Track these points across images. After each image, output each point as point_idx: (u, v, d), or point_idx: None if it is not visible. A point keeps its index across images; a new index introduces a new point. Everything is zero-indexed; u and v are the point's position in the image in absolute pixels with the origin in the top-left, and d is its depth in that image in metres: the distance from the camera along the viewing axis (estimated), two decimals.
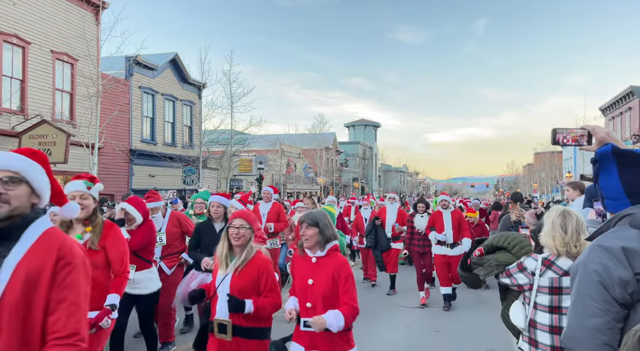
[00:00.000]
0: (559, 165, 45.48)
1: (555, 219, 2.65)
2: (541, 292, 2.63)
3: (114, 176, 17.81)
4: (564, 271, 2.60)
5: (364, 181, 56.93)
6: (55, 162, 13.09)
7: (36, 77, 14.22)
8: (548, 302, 2.61)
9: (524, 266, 2.72)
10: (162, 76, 21.32)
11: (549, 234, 2.65)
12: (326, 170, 40.78)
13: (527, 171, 63.53)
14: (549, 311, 2.60)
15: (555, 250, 2.63)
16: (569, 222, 2.62)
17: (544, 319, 2.61)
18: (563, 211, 2.69)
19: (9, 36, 13.29)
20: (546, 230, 2.68)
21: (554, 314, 2.59)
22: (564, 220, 2.63)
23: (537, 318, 2.64)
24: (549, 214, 2.72)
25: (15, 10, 13.54)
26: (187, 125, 23.23)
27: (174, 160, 20.34)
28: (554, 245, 2.62)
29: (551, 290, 2.61)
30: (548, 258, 2.67)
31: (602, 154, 1.46)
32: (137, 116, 19.57)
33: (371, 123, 70.05)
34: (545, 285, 2.61)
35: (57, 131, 13.09)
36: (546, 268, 2.64)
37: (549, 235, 2.65)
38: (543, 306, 2.63)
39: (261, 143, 29.80)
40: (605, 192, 1.49)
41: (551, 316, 2.59)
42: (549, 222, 2.68)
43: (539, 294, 2.64)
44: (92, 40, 15.31)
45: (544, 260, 2.67)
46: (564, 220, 2.63)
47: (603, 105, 34.46)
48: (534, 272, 2.65)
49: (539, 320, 2.63)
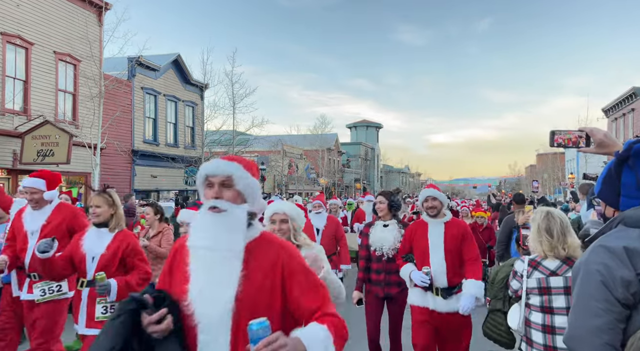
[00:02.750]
0: (561, 167, 45.41)
1: (540, 223, 2.68)
2: (532, 293, 2.67)
3: (116, 176, 17.84)
4: (551, 271, 2.64)
5: (365, 182, 56.91)
6: (57, 163, 13.13)
7: (39, 77, 14.27)
8: (539, 303, 2.65)
9: (515, 270, 2.78)
10: (165, 77, 21.37)
11: (536, 239, 2.69)
12: (328, 170, 40.79)
13: (530, 172, 63.44)
14: (541, 311, 2.65)
15: (543, 253, 2.67)
16: (554, 226, 2.64)
17: (537, 319, 2.66)
18: (547, 214, 2.70)
19: (12, 37, 13.34)
20: (533, 235, 2.71)
21: (545, 314, 2.63)
22: (548, 223, 2.66)
23: (532, 317, 2.69)
24: (534, 218, 2.75)
25: (19, 12, 13.60)
26: (190, 126, 23.27)
27: (176, 161, 20.37)
28: (542, 249, 2.66)
29: (540, 290, 2.65)
30: (534, 260, 2.71)
31: (638, 151, 1.43)
32: (139, 117, 19.61)
33: (373, 124, 70.04)
34: (534, 285, 2.66)
35: (59, 132, 13.13)
36: (533, 269, 2.68)
37: (536, 240, 2.69)
38: (535, 306, 2.68)
39: (263, 144, 29.82)
40: (625, 188, 1.47)
41: (543, 316, 2.64)
42: (534, 226, 2.71)
43: (531, 295, 2.68)
44: (95, 41, 15.35)
45: (530, 262, 2.71)
46: (549, 224, 2.66)
47: (606, 107, 34.36)
48: (522, 274, 2.69)
49: (533, 320, 2.68)
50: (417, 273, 3.81)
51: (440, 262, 3.81)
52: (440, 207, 3.96)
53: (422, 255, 3.89)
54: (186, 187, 20.99)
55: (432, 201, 3.93)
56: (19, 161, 13.24)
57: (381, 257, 4.27)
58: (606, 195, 1.52)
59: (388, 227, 4.32)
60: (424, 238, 3.92)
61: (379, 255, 4.27)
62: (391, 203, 4.38)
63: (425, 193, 4.01)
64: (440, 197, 3.97)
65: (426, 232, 3.93)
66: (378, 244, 4.27)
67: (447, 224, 3.93)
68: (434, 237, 3.88)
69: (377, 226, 4.39)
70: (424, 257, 3.87)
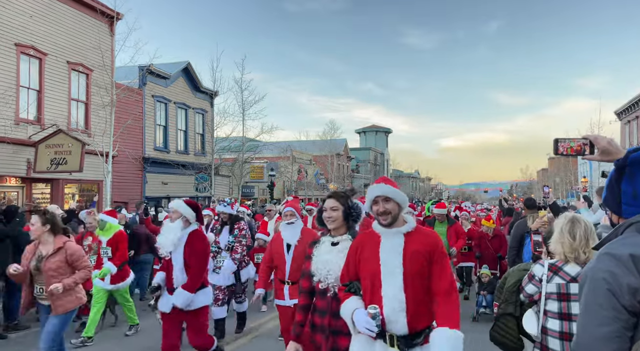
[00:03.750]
0: (574, 170, 44.86)
1: (564, 226, 2.70)
2: (550, 299, 2.65)
3: (127, 184, 18.05)
4: (572, 277, 2.62)
5: None
6: (70, 171, 13.33)
7: (52, 87, 14.53)
8: (557, 309, 2.63)
9: (532, 274, 2.76)
10: (175, 85, 21.62)
11: (558, 240, 2.69)
12: (337, 176, 40.81)
13: (542, 176, 62.78)
14: (558, 318, 2.62)
15: (563, 256, 2.67)
16: (577, 229, 2.65)
17: (555, 326, 2.63)
18: (572, 218, 2.73)
19: (26, 48, 13.61)
20: (555, 237, 2.71)
21: (563, 321, 2.61)
22: (572, 226, 2.67)
23: (548, 324, 2.67)
24: (558, 221, 2.76)
25: (32, 23, 13.88)
26: (200, 133, 23.47)
27: (186, 168, 20.55)
28: (562, 251, 2.66)
29: (559, 296, 2.62)
30: (555, 264, 2.70)
31: (635, 160, 1.45)
32: (150, 124, 19.85)
33: (382, 129, 69.99)
34: (553, 291, 2.64)
35: (72, 140, 13.33)
36: (553, 274, 2.67)
37: (558, 241, 2.69)
38: (553, 313, 2.65)
39: (272, 150, 29.99)
40: (625, 196, 1.48)
41: (561, 322, 2.61)
42: (557, 228, 2.73)
43: (549, 301, 2.65)
44: (107, 50, 15.60)
45: (550, 266, 2.70)
46: (572, 227, 2.67)
47: (618, 109, 33.96)
48: (542, 278, 2.68)
49: (549, 327, 2.66)
50: (361, 313, 2.47)
51: (396, 295, 2.46)
52: (397, 210, 2.57)
53: (370, 284, 2.54)
54: (197, 194, 21.14)
55: (384, 203, 2.55)
56: (32, 170, 13.46)
57: (326, 291, 2.97)
58: (610, 202, 1.52)
59: (337, 246, 2.99)
60: (373, 259, 2.55)
61: (323, 288, 2.97)
62: (348, 211, 3.05)
63: (374, 191, 2.59)
64: (395, 195, 2.56)
65: (377, 248, 2.56)
66: (322, 272, 2.95)
67: (409, 236, 2.55)
68: (388, 256, 2.51)
69: (322, 244, 3.05)
70: (373, 287, 2.52)
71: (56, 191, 14.57)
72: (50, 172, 13.38)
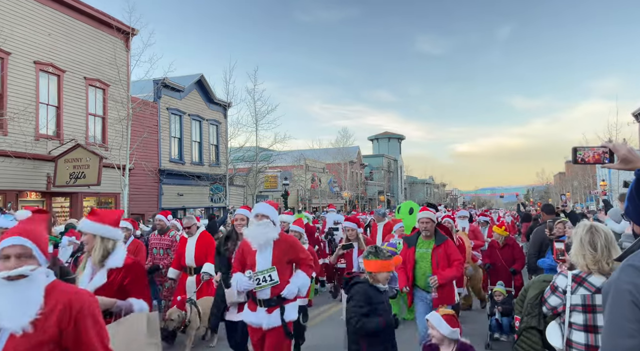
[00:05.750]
0: (592, 174, 44.00)
1: (584, 236, 2.58)
2: (575, 311, 2.56)
3: (144, 196, 18.29)
4: (597, 288, 2.53)
5: (389, 194, 56.47)
6: (89, 184, 13.57)
7: (70, 103, 14.86)
8: (582, 321, 2.53)
9: (555, 286, 2.66)
10: (189, 97, 21.92)
11: (579, 252, 2.57)
12: (351, 183, 40.71)
13: (559, 180, 61.74)
14: (584, 331, 2.53)
15: (586, 268, 2.56)
16: (598, 239, 2.54)
17: (580, 338, 2.54)
18: (590, 227, 2.61)
19: (45, 65, 13.97)
20: (575, 249, 2.60)
21: (589, 333, 2.52)
22: (592, 237, 2.55)
23: (573, 337, 2.58)
24: (576, 231, 2.65)
25: (51, 41, 14.25)
26: (214, 144, 23.71)
27: (201, 179, 20.75)
28: (585, 263, 2.55)
29: (584, 307, 2.53)
30: (579, 275, 2.59)
31: None
32: (165, 137, 20.13)
33: (395, 136, 69.78)
34: (578, 302, 2.54)
35: (90, 154, 13.59)
36: (577, 285, 2.56)
37: (579, 253, 2.57)
38: (578, 325, 2.55)
39: (286, 160, 30.08)
40: None
41: (587, 335, 2.52)
42: (577, 239, 2.60)
43: (573, 313, 2.56)
44: (123, 66, 15.92)
45: (574, 277, 2.60)
46: (592, 237, 2.55)
47: (636, 111, 33.32)
48: (565, 290, 2.58)
49: (574, 339, 2.57)
50: None
51: None
52: None
53: None
54: (212, 204, 21.30)
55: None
56: (52, 184, 13.74)
57: None
58: (631, 213, 1.50)
59: None
60: None
61: None
62: None
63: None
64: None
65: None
66: None
67: None
68: None
69: None
70: None
71: (75, 204, 14.83)
72: (70, 185, 13.64)
